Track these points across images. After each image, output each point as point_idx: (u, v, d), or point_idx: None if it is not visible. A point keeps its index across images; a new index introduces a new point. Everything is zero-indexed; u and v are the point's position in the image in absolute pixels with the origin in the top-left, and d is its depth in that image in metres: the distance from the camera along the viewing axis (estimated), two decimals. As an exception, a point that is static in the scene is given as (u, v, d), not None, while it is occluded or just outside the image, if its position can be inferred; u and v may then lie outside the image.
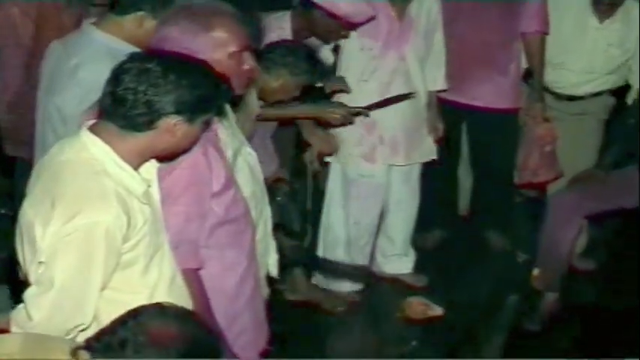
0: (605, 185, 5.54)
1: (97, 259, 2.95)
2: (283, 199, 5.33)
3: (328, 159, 5.66)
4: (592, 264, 6.08)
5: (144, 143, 3.06)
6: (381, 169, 5.63)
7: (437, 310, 5.58)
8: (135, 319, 2.68)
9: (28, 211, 3.06)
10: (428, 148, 5.77)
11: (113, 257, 2.97)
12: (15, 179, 4.77)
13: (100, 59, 3.45)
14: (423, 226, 6.20)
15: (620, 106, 6.03)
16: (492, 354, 5.47)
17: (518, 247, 6.25)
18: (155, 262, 3.11)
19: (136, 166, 3.08)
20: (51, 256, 2.94)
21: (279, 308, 4.41)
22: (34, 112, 4.27)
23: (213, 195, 3.35)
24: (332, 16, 5.11)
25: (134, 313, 2.71)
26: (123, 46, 3.77)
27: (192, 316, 2.85)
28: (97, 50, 3.89)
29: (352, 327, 5.64)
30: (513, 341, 5.53)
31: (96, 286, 2.92)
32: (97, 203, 2.95)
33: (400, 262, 5.88)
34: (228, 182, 3.41)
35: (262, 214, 3.77)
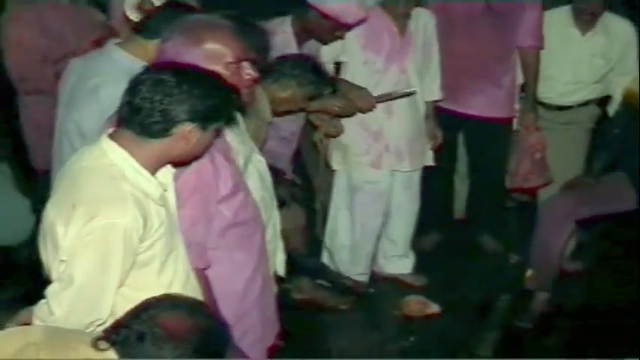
0: (595, 191, 5.56)
1: (115, 258, 2.98)
2: (285, 194, 5.30)
3: (335, 167, 5.70)
4: (580, 266, 6.10)
5: (160, 149, 3.09)
6: (385, 176, 5.69)
7: (434, 308, 5.63)
8: (147, 311, 2.74)
9: (51, 212, 3.09)
10: (427, 155, 5.82)
11: (130, 257, 3.01)
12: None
13: (121, 80, 3.53)
14: (421, 229, 6.22)
15: (606, 115, 6.03)
16: (486, 351, 5.46)
17: (510, 249, 6.30)
18: (170, 262, 3.14)
19: (152, 170, 3.11)
20: (71, 255, 2.97)
21: (285, 307, 4.30)
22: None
23: (222, 199, 3.39)
24: (325, 16, 5.16)
25: (146, 306, 2.77)
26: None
27: (202, 307, 2.90)
28: (119, 70, 3.89)
29: (354, 324, 5.65)
30: (506, 338, 5.55)
31: (113, 284, 2.95)
32: (115, 206, 2.99)
33: (400, 263, 5.93)
34: (237, 187, 3.44)
35: (271, 218, 3.81)
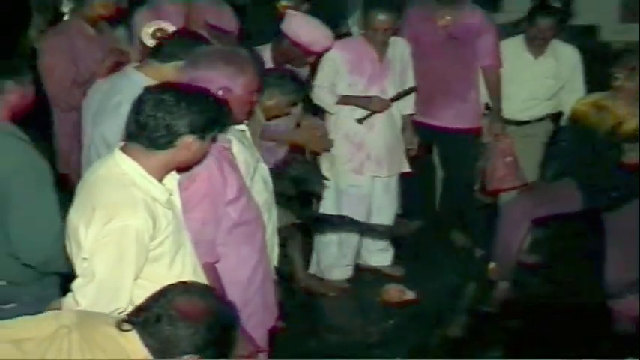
0: (548, 194, 5.69)
1: (130, 255, 3.08)
2: (300, 169, 5.47)
3: (324, 173, 5.77)
4: (536, 259, 6.30)
5: (165, 159, 3.19)
6: (367, 181, 5.85)
7: (410, 295, 5.79)
8: (164, 296, 2.81)
9: (73, 215, 3.19)
10: (403, 163, 5.99)
11: (143, 253, 3.10)
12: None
13: None
14: (406, 216, 6.47)
15: (556, 130, 6.20)
16: (456, 331, 5.62)
17: (476, 244, 6.45)
18: (179, 257, 3.23)
19: (159, 178, 3.21)
20: (92, 253, 3.08)
21: (282, 293, 4.52)
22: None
23: (229, 202, 3.52)
24: (296, 45, 5.29)
25: (164, 291, 2.84)
26: None
27: (212, 291, 2.98)
28: (137, 90, 3.71)
29: (341, 309, 5.82)
30: (473, 321, 5.74)
31: (130, 277, 3.05)
32: (128, 210, 3.09)
33: (381, 256, 6.11)
34: (241, 191, 3.58)
35: (271, 218, 3.97)
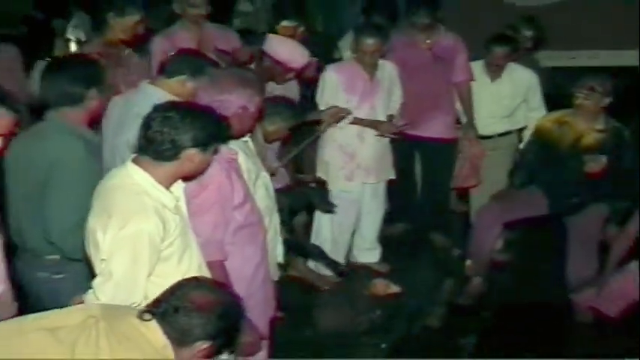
0: (516, 200, 5.83)
1: (143, 256, 3.11)
2: (309, 193, 5.60)
3: (318, 179, 5.90)
4: (506, 257, 6.45)
5: (171, 170, 3.22)
6: (357, 187, 5.93)
7: (395, 288, 5.86)
8: (180, 290, 2.88)
9: (92, 221, 3.21)
10: (390, 171, 6.08)
11: (155, 254, 3.13)
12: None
13: None
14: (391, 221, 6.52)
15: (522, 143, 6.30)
16: (436, 322, 5.78)
17: (454, 244, 6.56)
18: (186, 256, 3.26)
19: (167, 186, 3.23)
20: (110, 255, 3.10)
21: (284, 284, 4.67)
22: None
23: (235, 207, 3.61)
24: (277, 62, 5.37)
25: (179, 286, 2.91)
26: (170, 99, 3.83)
27: (221, 285, 3.08)
28: (151, 101, 3.79)
29: (334, 301, 5.88)
30: (451, 312, 5.92)
31: (144, 275, 3.09)
32: (141, 216, 3.11)
33: (370, 254, 6.19)
34: (246, 197, 3.68)
35: (272, 221, 4.05)
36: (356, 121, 5.81)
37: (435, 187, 6.65)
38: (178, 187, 3.33)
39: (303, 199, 5.62)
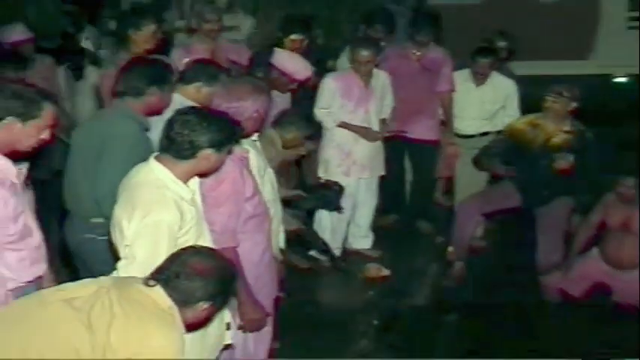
0: (492, 194, 6.03)
1: (163, 242, 3.18)
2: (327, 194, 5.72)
3: (320, 175, 6.06)
4: (484, 244, 6.55)
5: (189, 167, 3.30)
6: (353, 181, 6.11)
7: (386, 272, 6.06)
8: (180, 257, 2.93)
9: (118, 211, 3.30)
10: (382, 167, 6.27)
11: (173, 240, 3.20)
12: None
13: None
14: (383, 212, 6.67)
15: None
16: (422, 301, 5.88)
17: (438, 232, 6.68)
18: (199, 242, 3.29)
19: (185, 181, 3.31)
20: (133, 241, 3.20)
21: (287, 270, 4.68)
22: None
23: (246, 199, 3.73)
24: (283, 74, 5.48)
25: (178, 254, 2.96)
26: (190, 104, 4.05)
27: (216, 252, 3.09)
28: (175, 107, 3.90)
29: (331, 282, 6.08)
30: (435, 292, 6.03)
31: (162, 259, 3.05)
32: (161, 207, 3.20)
33: (364, 241, 6.36)
34: (255, 191, 3.79)
35: (277, 211, 4.16)
36: (346, 125, 6.00)
37: (421, 182, 6.78)
38: (194, 181, 3.40)
39: (323, 201, 5.77)
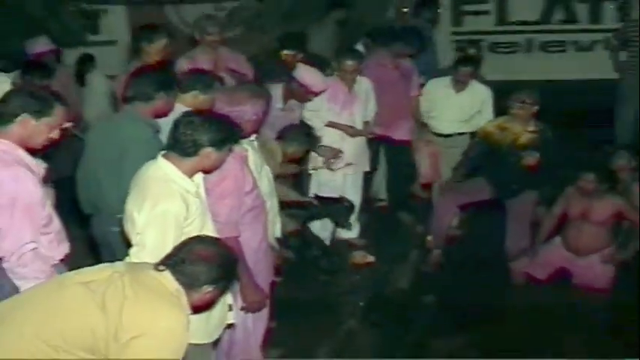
0: (467, 188, 6.14)
1: (170, 231, 3.25)
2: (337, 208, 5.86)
3: (310, 171, 6.15)
4: (459, 233, 6.67)
5: (193, 164, 3.38)
6: (340, 177, 6.21)
7: (370, 258, 6.19)
8: (186, 245, 2.98)
9: (129, 203, 3.39)
10: (366, 163, 6.42)
11: (179, 229, 3.26)
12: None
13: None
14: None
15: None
16: (404, 284, 5.98)
17: (418, 222, 6.83)
18: (203, 232, 3.33)
19: (190, 176, 3.39)
20: (143, 230, 3.28)
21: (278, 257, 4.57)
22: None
23: (246, 193, 3.80)
24: (302, 86, 5.59)
25: (184, 242, 3.01)
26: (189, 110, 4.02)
27: (219, 240, 3.13)
28: (176, 115, 3.88)
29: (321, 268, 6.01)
30: (415, 276, 6.17)
31: (169, 246, 3.10)
32: (168, 199, 3.28)
33: (350, 231, 6.37)
34: (254, 185, 3.86)
35: (273, 204, 4.24)
36: (334, 125, 6.12)
37: (400, 179, 6.94)
38: (198, 176, 3.47)
39: (335, 215, 5.95)
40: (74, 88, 7.05)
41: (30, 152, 3.57)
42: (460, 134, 6.70)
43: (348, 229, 6.08)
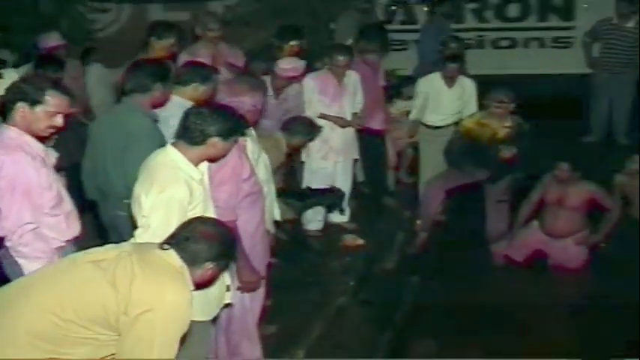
0: (451, 175, 6.25)
1: (174, 215, 3.23)
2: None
3: (303, 159, 6.14)
4: (445, 217, 6.80)
5: (199, 152, 3.37)
6: (331, 164, 6.23)
7: (361, 241, 6.17)
8: (188, 225, 2.99)
9: (137, 187, 3.38)
10: (355, 152, 6.41)
11: (183, 213, 3.24)
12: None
13: (178, 112, 3.65)
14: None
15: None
16: (392, 266, 6.09)
17: (405, 208, 6.93)
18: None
19: (195, 164, 3.38)
20: (149, 212, 3.28)
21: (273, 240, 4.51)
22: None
23: (244, 180, 3.77)
24: (279, 76, 5.74)
25: (187, 223, 3.02)
26: (188, 103, 4.05)
27: (219, 221, 3.15)
28: (176, 107, 4.10)
29: (314, 249, 6.08)
30: (403, 258, 6.24)
31: (173, 228, 3.07)
32: (174, 185, 3.27)
33: (342, 215, 6.38)
34: (251, 172, 3.84)
35: (270, 190, 4.23)
36: (325, 116, 6.15)
37: (379, 166, 6.99)
38: (203, 165, 3.47)
39: (330, 203, 6.01)
40: (83, 81, 7.12)
41: (40, 140, 3.57)
42: (449, 125, 6.76)
43: (342, 214, 6.12)
